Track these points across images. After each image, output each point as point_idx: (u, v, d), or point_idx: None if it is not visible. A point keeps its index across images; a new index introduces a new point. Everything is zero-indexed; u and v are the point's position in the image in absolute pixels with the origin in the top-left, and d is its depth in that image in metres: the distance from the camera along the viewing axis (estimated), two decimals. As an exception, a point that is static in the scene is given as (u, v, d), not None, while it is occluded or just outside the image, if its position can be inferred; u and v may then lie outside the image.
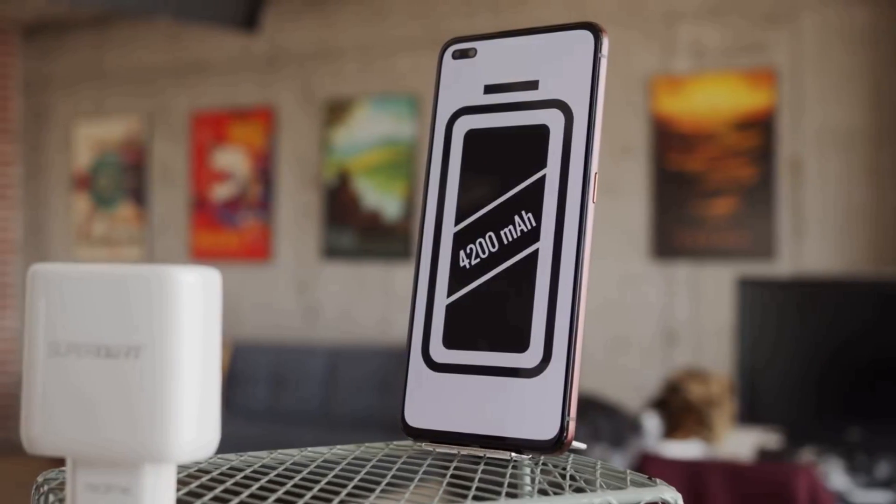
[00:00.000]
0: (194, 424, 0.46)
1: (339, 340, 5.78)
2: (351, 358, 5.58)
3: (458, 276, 0.63)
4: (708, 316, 4.86)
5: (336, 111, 5.82)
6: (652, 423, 3.09)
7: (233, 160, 6.13)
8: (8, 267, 6.82)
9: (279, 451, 0.63)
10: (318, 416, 5.53)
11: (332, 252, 5.81)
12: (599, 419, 3.15)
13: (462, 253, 0.63)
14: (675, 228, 4.94)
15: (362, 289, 5.74)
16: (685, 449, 2.98)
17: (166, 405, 0.45)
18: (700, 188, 4.89)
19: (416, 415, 0.62)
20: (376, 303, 5.70)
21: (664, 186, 4.97)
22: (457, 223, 0.64)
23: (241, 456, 0.62)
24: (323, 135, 5.86)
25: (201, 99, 6.24)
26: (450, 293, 0.63)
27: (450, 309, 0.62)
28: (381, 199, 5.67)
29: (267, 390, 5.71)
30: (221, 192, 6.16)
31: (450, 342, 0.62)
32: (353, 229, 5.75)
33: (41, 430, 0.47)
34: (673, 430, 3.09)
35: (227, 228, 6.14)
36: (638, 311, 5.00)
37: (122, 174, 6.50)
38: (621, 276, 5.03)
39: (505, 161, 0.63)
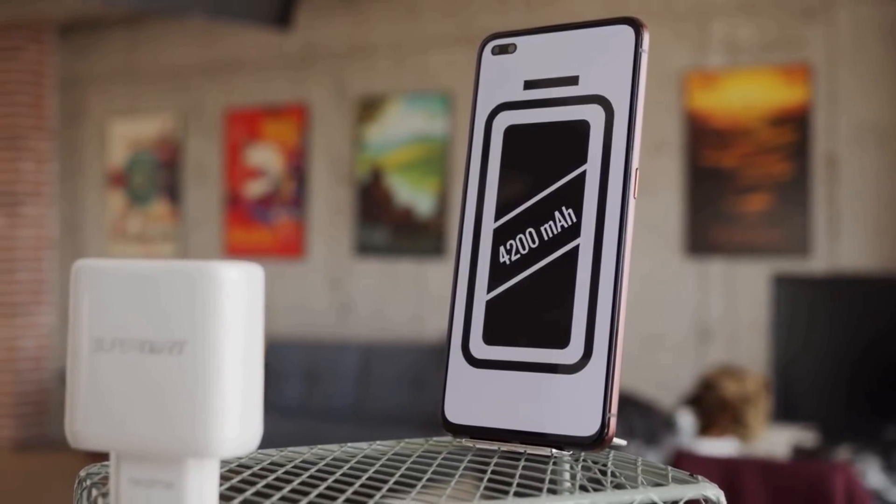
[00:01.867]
0: (237, 420, 0.46)
1: (372, 337, 5.79)
2: (384, 355, 5.59)
3: (498, 272, 0.62)
4: (742, 313, 4.83)
5: (369, 108, 5.83)
6: (686, 421, 3.08)
7: (266, 157, 6.15)
8: (44, 263, 6.88)
9: (319, 446, 0.63)
10: (350, 413, 5.54)
11: (364, 249, 5.82)
12: (633, 416, 3.14)
13: (502, 249, 0.63)
14: (710, 225, 4.91)
15: (395, 286, 5.74)
16: (720, 447, 2.96)
17: (209, 400, 0.45)
18: (734, 185, 4.86)
19: (456, 411, 0.62)
20: (409, 300, 5.70)
21: (698, 183, 4.94)
22: (497, 219, 0.64)
23: (282, 451, 0.62)
24: (356, 132, 5.87)
25: (235, 96, 6.26)
26: (490, 289, 0.63)
27: (490, 305, 0.62)
28: (414, 195, 5.68)
29: (300, 387, 5.73)
30: (255, 188, 6.18)
31: (490, 338, 0.62)
32: (385, 226, 5.75)
33: (85, 425, 0.48)
34: (707, 427, 3.07)
35: (260, 225, 6.16)
36: (672, 308, 4.98)
37: (156, 171, 6.54)
38: (655, 273, 5.01)
39: (545, 157, 0.63)
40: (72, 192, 6.88)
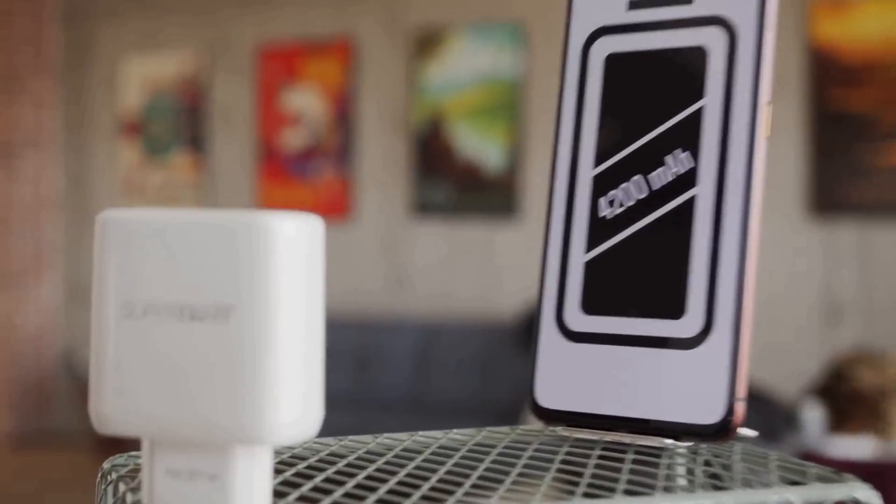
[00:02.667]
0: (295, 400, 0.46)
1: (433, 314, 5.81)
2: (447, 335, 5.61)
3: (599, 229, 0.62)
4: (880, 287, 4.77)
5: (427, 43, 5.82)
6: (813, 416, 3.06)
7: (306, 101, 6.18)
8: (45, 227, 6.96)
9: (385, 435, 0.63)
10: (406, 403, 5.58)
11: (424, 209, 5.83)
12: (748, 409, 3.13)
13: (603, 201, 0.62)
14: (839, 180, 4.85)
15: (460, 253, 5.75)
16: (856, 446, 2.94)
17: (263, 376, 0.45)
18: (870, 132, 4.79)
19: (549, 394, 0.62)
20: (476, 270, 5.71)
21: (825, 130, 4.88)
22: (596, 165, 0.63)
23: (342, 441, 0.62)
24: (411, 71, 5.87)
25: (269, 29, 6.29)
26: (589, 248, 0.62)
27: (589, 267, 0.62)
28: (482, 146, 5.67)
29: (348, 372, 5.78)
30: (293, 138, 6.22)
31: (589, 307, 0.62)
32: (448, 183, 5.76)
33: (114, 407, 0.48)
34: (840, 423, 3.05)
35: (299, 181, 6.20)
36: (793, 281, 4.94)
37: (176, 118, 6.60)
38: (772, 239, 4.96)
39: (654, 90, 0.63)
40: (78, 143, 6.97)
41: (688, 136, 0.61)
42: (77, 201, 6.96)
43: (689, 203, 0.60)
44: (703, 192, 0.60)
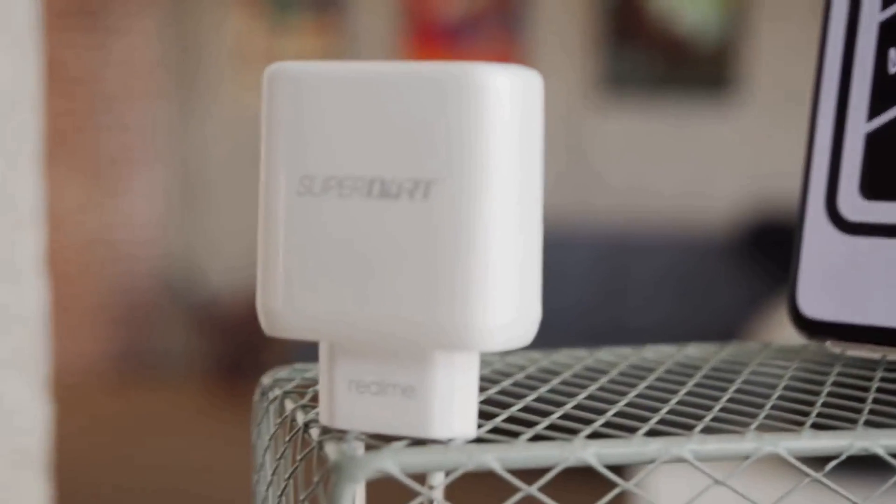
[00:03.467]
0: (509, 297, 0.46)
1: (624, 220, 5.79)
2: (640, 246, 5.58)
3: (887, 90, 0.61)
4: None
5: None
6: None
7: (466, -50, 6.16)
8: (137, 110, 7.01)
9: (605, 349, 0.63)
10: (585, 327, 5.59)
11: (614, 85, 5.79)
12: None
13: (893, 52, 0.61)
14: None
15: (660, 143, 5.71)
16: None
17: (470, 268, 0.46)
18: None
19: (816, 301, 0.61)
20: (681, 163, 5.66)
21: None
22: (884, 7, 0.62)
23: (551, 355, 0.63)
24: None
25: None
26: (872, 115, 0.61)
27: (872, 140, 0.61)
28: (690, 4, 5.60)
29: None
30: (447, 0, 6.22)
31: (871, 190, 0.61)
32: (646, 51, 5.70)
33: (286, 305, 0.49)
34: None
35: (456, 47, 6.20)
36: None
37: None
38: None
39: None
40: (182, 6, 7.04)
41: None
42: (181, 78, 7.05)
43: None
44: None
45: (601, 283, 5.63)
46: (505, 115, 0.45)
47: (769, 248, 5.21)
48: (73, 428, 5.66)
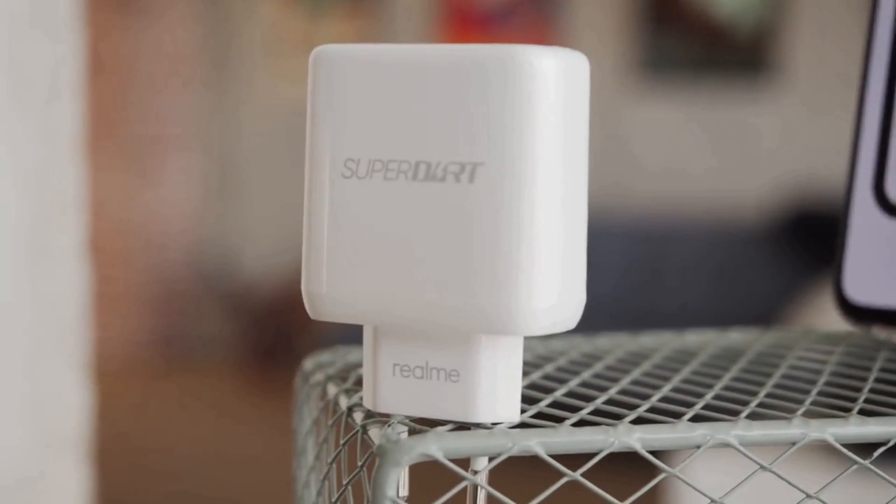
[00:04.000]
0: (554, 280, 0.46)
1: (659, 205, 5.78)
2: (675, 232, 5.57)
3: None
4: None
5: None
6: None
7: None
8: (173, 96, 7.02)
9: (646, 333, 0.63)
10: (618, 314, 5.57)
11: (651, 69, 5.77)
12: None
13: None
14: None
15: (698, 127, 5.69)
16: None
17: (515, 251, 0.46)
18: None
19: (862, 286, 0.61)
20: (719, 149, 5.65)
21: None
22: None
23: (594, 340, 0.63)
24: None
25: None
26: (921, 98, 0.61)
27: (920, 123, 0.61)
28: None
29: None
30: (486, -18, 6.21)
31: (919, 174, 0.60)
32: (684, 35, 5.69)
33: (331, 288, 0.49)
34: None
35: (492, 31, 6.19)
36: None
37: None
38: None
39: None
40: (220, -8, 7.05)
41: None
42: (215, 66, 7.06)
43: None
44: None
45: (637, 268, 5.62)
46: (551, 98, 0.46)
47: (807, 234, 5.19)
48: (113, 413, 5.68)
